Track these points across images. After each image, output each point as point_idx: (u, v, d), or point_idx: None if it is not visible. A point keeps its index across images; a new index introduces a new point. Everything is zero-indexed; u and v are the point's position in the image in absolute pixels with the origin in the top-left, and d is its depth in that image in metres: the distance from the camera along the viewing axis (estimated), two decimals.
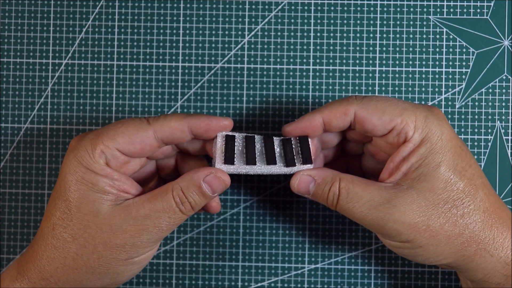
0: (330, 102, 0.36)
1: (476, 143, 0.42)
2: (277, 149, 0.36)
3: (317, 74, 0.43)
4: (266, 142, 0.36)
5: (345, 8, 0.43)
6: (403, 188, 0.34)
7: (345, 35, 0.43)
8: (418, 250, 0.34)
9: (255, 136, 0.36)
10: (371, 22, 0.43)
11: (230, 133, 0.36)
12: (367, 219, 0.34)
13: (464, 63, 0.43)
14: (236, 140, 0.36)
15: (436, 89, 0.43)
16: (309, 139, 0.36)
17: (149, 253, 0.36)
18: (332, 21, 0.43)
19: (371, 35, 0.43)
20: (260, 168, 0.36)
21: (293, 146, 0.36)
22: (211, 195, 0.35)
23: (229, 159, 0.35)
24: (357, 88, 0.43)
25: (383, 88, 0.43)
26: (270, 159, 0.35)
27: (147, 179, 0.39)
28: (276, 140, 0.36)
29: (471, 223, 0.34)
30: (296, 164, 0.36)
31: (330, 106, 0.35)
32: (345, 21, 0.43)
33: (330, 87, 0.43)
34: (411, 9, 0.43)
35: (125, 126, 0.35)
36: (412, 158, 0.34)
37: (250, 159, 0.35)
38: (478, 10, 0.43)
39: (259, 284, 0.43)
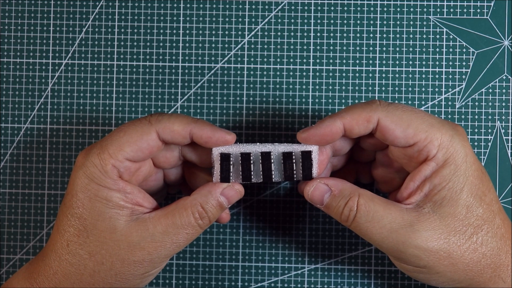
0: (351, 106, 0.34)
1: (476, 143, 0.42)
2: (275, 160, 0.35)
3: (317, 74, 0.43)
4: (263, 160, 0.35)
5: (345, 8, 0.43)
6: (424, 211, 0.33)
7: (345, 35, 0.43)
8: (434, 275, 0.33)
9: (251, 153, 0.35)
10: (371, 22, 0.43)
11: (225, 151, 0.35)
12: (386, 242, 0.33)
13: (464, 63, 0.43)
14: (231, 159, 0.35)
15: (436, 89, 0.43)
16: (312, 155, 0.34)
17: (163, 264, 0.36)
18: (332, 21, 0.43)
19: (371, 35, 0.43)
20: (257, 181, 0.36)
21: (294, 161, 0.35)
22: (227, 207, 0.35)
23: (224, 179, 0.35)
24: (357, 88, 0.43)
25: (383, 88, 0.43)
26: (266, 177, 0.35)
27: (156, 189, 0.39)
28: (276, 152, 0.35)
29: (489, 251, 0.33)
30: (295, 179, 0.35)
31: (352, 111, 0.33)
32: (345, 21, 0.43)
33: (330, 87, 0.43)
34: (411, 9, 0.43)
35: (128, 134, 0.34)
36: (435, 179, 0.32)
37: (245, 178, 0.35)
38: (478, 10, 0.43)
39: (259, 284, 0.43)
